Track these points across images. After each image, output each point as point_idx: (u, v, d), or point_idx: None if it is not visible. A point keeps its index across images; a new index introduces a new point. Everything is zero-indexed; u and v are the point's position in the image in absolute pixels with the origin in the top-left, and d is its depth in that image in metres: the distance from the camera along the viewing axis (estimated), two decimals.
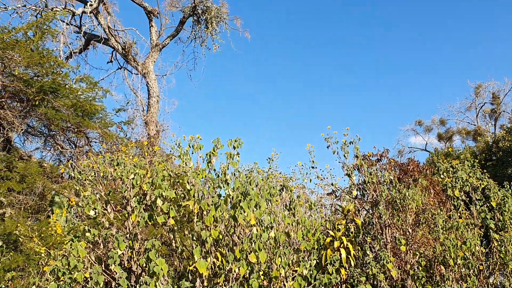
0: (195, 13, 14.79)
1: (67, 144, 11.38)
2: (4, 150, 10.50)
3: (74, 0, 14.44)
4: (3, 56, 8.51)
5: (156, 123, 14.89)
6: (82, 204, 5.21)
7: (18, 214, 8.67)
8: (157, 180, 5.34)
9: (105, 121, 10.69)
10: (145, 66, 15.03)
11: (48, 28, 9.06)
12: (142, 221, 5.07)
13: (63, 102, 9.31)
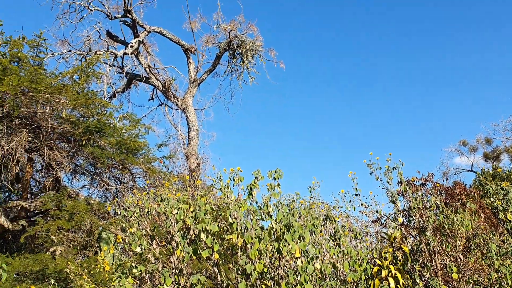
0: (230, 47, 15.18)
1: (112, 180, 11.73)
2: (53, 189, 10.93)
3: (115, 42, 15.19)
4: (51, 100, 8.96)
5: (196, 155, 15.13)
6: (129, 240, 5.31)
7: (67, 251, 8.94)
8: (200, 214, 5.39)
9: (148, 156, 10.96)
10: (185, 101, 15.43)
11: (92, 71, 9.51)
12: (187, 256, 5.11)
13: (108, 141, 9.65)
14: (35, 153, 9.52)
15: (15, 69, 8.28)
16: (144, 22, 15.30)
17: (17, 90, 7.98)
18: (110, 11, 14.80)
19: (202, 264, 6.66)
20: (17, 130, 9.01)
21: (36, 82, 8.05)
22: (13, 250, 11.43)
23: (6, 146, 8.57)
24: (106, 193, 12.08)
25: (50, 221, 9.08)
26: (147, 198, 5.54)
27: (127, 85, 16.30)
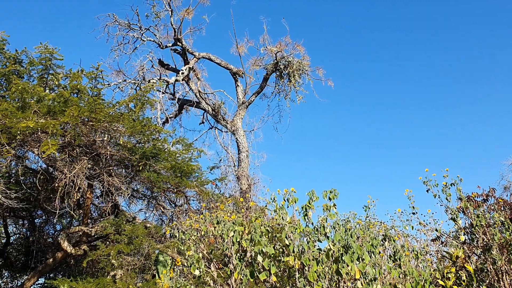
0: (277, 68, 15.34)
1: (167, 204, 12.00)
2: (112, 214, 11.32)
3: (167, 70, 15.77)
4: (109, 128, 9.36)
5: (247, 177, 15.22)
6: (187, 263, 5.39)
7: (127, 275, 9.17)
8: (256, 236, 5.40)
9: (201, 179, 11.15)
10: (234, 124, 15.66)
11: (147, 99, 9.87)
12: (245, 279, 5.11)
13: (163, 165, 9.92)
14: (95, 179, 9.93)
15: (75, 100, 8.74)
16: (193, 49, 15.83)
17: (78, 120, 8.40)
18: (161, 40, 15.46)
19: (259, 286, 6.64)
20: (78, 158, 9.45)
21: (95, 112, 8.45)
22: (75, 274, 11.87)
23: (68, 174, 9.00)
24: (162, 216, 12.36)
25: (110, 245, 9.38)
26: (204, 221, 5.62)
27: (179, 111, 16.79)
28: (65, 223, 14.11)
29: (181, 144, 11.35)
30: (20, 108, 8.40)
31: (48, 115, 8.45)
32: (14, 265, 15.38)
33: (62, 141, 8.89)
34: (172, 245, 9.07)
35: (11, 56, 9.56)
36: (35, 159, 11.35)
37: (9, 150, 7.91)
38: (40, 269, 11.79)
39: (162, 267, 10.39)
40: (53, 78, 9.53)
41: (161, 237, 10.43)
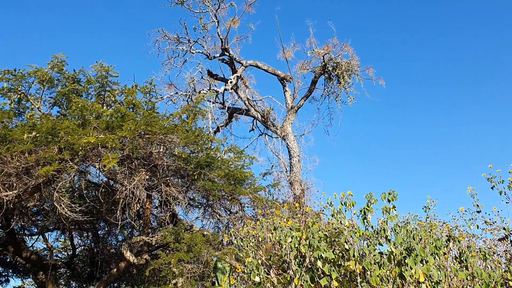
0: (325, 71, 15.20)
1: (223, 211, 12.16)
2: (171, 223, 11.61)
3: (216, 80, 16.06)
4: (164, 139, 9.63)
5: (300, 182, 15.15)
6: (246, 270, 5.43)
7: (187, 282, 9.36)
8: (314, 242, 5.36)
9: (254, 186, 11.22)
10: (284, 129, 15.65)
11: (198, 110, 10.09)
12: (306, 285, 5.08)
13: (217, 173, 10.07)
14: (153, 190, 10.24)
15: (131, 115, 9.08)
16: (240, 58, 16.04)
17: (135, 133, 8.71)
18: (209, 51, 15.80)
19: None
20: (136, 170, 9.78)
21: (151, 125, 8.72)
22: (138, 283, 12.26)
23: (128, 185, 9.33)
24: (218, 224, 12.53)
25: (170, 254, 9.62)
26: (261, 227, 5.65)
27: (229, 119, 17.02)
28: (127, 234, 14.61)
29: (232, 152, 11.48)
30: (80, 125, 8.82)
31: (107, 130, 8.82)
32: (81, 275, 16.10)
33: (121, 154, 9.23)
34: (230, 252, 9.17)
35: (70, 76, 10.07)
36: (97, 173, 11.87)
37: (72, 165, 8.32)
38: (105, 279, 12.27)
39: (221, 274, 10.53)
40: (110, 94, 9.95)
41: (218, 245, 10.57)
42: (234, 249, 8.99)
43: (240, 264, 8.83)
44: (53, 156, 8.04)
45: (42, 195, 11.13)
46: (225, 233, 10.79)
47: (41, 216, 13.86)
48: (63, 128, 8.03)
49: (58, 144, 8.28)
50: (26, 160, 8.27)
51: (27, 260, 12.91)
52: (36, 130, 8.21)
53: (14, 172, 8.49)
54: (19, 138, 8.22)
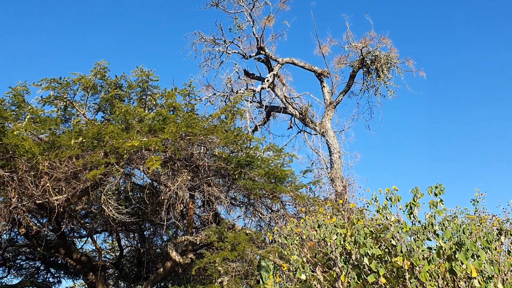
0: (364, 65, 14.96)
1: (264, 210, 12.20)
2: (214, 222, 11.76)
3: (253, 79, 16.12)
4: (205, 140, 9.77)
5: (341, 178, 14.98)
6: (292, 268, 5.43)
7: (233, 281, 9.46)
8: (360, 238, 5.30)
9: (295, 184, 11.20)
10: (323, 125, 15.52)
11: (236, 110, 10.17)
12: (353, 282, 5.03)
13: (257, 172, 10.12)
14: (196, 190, 10.41)
15: (172, 117, 9.26)
16: (276, 56, 16.02)
17: (176, 135, 8.88)
18: (245, 51, 15.89)
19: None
20: (179, 171, 9.96)
21: (191, 126, 8.87)
22: (184, 282, 12.49)
23: (172, 186, 9.52)
24: (260, 222, 12.58)
25: (214, 253, 9.74)
26: (305, 225, 5.64)
27: (267, 118, 17.03)
28: (171, 234, 14.91)
29: (271, 150, 11.49)
30: (124, 129, 9.07)
31: (150, 133, 9.03)
32: (129, 275, 16.55)
33: (164, 156, 9.43)
34: (274, 251, 9.19)
35: (112, 82, 10.37)
36: (141, 175, 12.18)
37: (118, 169, 8.57)
38: (152, 278, 12.57)
39: (265, 272, 10.56)
40: (151, 98, 10.18)
41: (261, 243, 10.62)
42: (278, 247, 9.01)
43: (284, 262, 8.84)
44: (99, 160, 8.31)
45: (89, 198, 11.53)
46: (267, 231, 10.82)
47: (89, 219, 14.35)
48: (108, 133, 8.28)
49: (103, 149, 8.55)
50: (74, 165, 8.58)
51: (78, 261, 13.40)
52: (83, 136, 8.51)
53: (63, 177, 8.82)
54: (66, 144, 8.54)
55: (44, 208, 9.81)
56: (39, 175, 8.34)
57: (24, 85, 8.92)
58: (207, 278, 11.66)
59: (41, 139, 9.21)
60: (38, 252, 14.00)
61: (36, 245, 12.46)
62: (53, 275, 16.44)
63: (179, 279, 14.21)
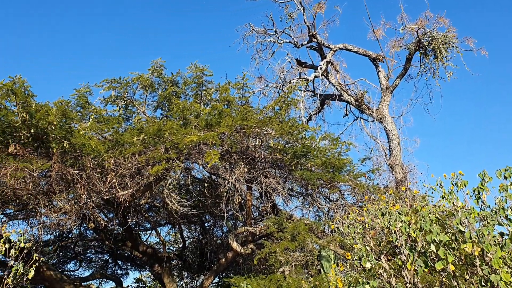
0: (420, 46, 14.40)
1: (322, 199, 12.13)
2: (272, 213, 11.84)
3: (305, 68, 15.98)
4: (260, 132, 9.83)
5: (401, 165, 14.57)
6: (356, 256, 5.38)
7: (294, 270, 9.50)
8: (426, 225, 5.15)
9: (354, 172, 11.03)
10: (380, 111, 15.14)
11: (290, 100, 10.14)
12: (420, 269, 4.91)
13: (314, 162, 10.06)
14: (253, 182, 10.52)
15: (227, 111, 9.38)
16: (329, 43, 15.78)
17: (232, 129, 9.00)
18: (297, 40, 15.78)
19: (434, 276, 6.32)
20: (236, 164, 10.11)
21: (247, 119, 8.95)
22: (245, 272, 12.69)
23: (230, 179, 9.67)
24: (318, 212, 12.52)
25: (274, 243, 9.83)
26: (368, 213, 5.56)
27: (321, 106, 16.85)
28: (231, 225, 15.19)
29: (327, 139, 11.37)
30: (182, 125, 9.31)
31: (206, 128, 9.21)
32: (192, 266, 17.06)
33: (221, 150, 9.60)
34: (335, 240, 9.13)
35: (168, 79, 10.65)
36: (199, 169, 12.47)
37: (178, 163, 8.82)
38: (215, 268, 12.88)
39: (326, 262, 10.52)
40: (206, 93, 10.37)
41: (321, 233, 10.58)
42: (338, 236, 8.94)
43: (345, 251, 8.76)
44: (160, 156, 8.59)
45: (152, 192, 11.96)
46: (327, 221, 10.75)
47: (152, 212, 14.91)
48: (167, 129, 8.54)
49: (164, 145, 8.83)
50: (137, 161, 8.93)
51: (144, 253, 13.97)
52: (144, 133, 8.82)
53: (128, 173, 9.20)
54: (129, 141, 8.89)
55: (111, 203, 10.29)
56: (105, 172, 8.75)
57: (87, 87, 9.37)
58: (268, 268, 11.79)
59: (105, 137, 9.65)
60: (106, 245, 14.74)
61: (104, 238, 13.14)
62: (120, 267, 17.27)
63: (241, 269, 14.46)
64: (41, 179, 8.68)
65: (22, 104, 7.59)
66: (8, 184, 7.74)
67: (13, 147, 7.80)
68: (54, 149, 8.14)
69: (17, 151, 7.90)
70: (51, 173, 8.27)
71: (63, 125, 8.32)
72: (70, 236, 14.60)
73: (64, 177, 8.48)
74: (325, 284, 7.44)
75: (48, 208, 8.63)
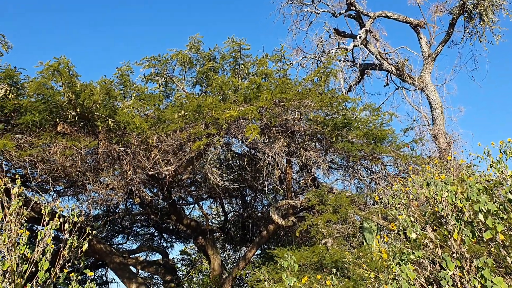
0: (465, 10, 13.72)
1: (364, 171, 12.00)
2: (312, 186, 11.85)
3: (344, 37, 15.61)
4: (299, 105, 9.75)
5: (445, 135, 14.18)
6: (401, 227, 5.33)
7: (336, 242, 9.53)
8: (473, 195, 5.03)
9: (396, 143, 10.82)
10: (422, 80, 14.67)
11: (330, 71, 9.96)
12: (467, 239, 4.82)
13: (355, 134, 9.92)
14: (293, 156, 10.51)
15: (266, 84, 9.34)
16: (367, 10, 15.31)
17: (271, 103, 8.97)
18: (334, 9, 15.41)
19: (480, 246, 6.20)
20: (275, 138, 10.11)
21: (285, 92, 8.89)
22: (286, 244, 12.86)
23: (269, 153, 9.71)
24: (360, 184, 12.42)
25: (316, 215, 9.86)
26: (413, 183, 5.47)
27: (361, 76, 16.49)
28: (271, 198, 15.34)
29: (368, 110, 11.16)
30: (221, 100, 9.37)
31: (245, 103, 9.22)
32: (234, 239, 17.44)
33: (260, 124, 9.62)
34: (377, 211, 9.06)
35: (206, 55, 10.68)
36: (239, 144, 12.58)
37: (219, 139, 8.92)
38: (257, 241, 13.11)
39: (369, 233, 10.49)
40: (243, 67, 10.34)
41: (363, 205, 10.51)
42: (381, 208, 8.87)
43: (388, 222, 8.69)
44: (201, 131, 8.71)
45: (194, 168, 12.20)
46: (369, 193, 10.66)
47: (194, 187, 15.25)
48: (207, 105, 8.62)
49: (204, 120, 8.93)
50: (179, 137, 9.10)
51: (188, 226, 14.38)
52: (184, 109, 8.94)
53: (170, 149, 9.41)
54: (170, 118, 9.05)
55: (155, 178, 10.59)
56: (149, 148, 8.97)
57: (128, 65, 9.54)
58: (310, 240, 11.88)
59: (147, 115, 9.86)
60: (152, 219, 15.27)
61: (150, 213, 13.58)
62: (166, 240, 17.88)
63: (282, 241, 14.65)
64: (88, 157, 9.01)
65: (67, 84, 7.83)
66: (58, 161, 8.08)
67: (61, 126, 8.10)
68: (99, 127, 8.40)
69: (65, 130, 8.20)
70: (98, 151, 8.56)
71: (107, 103, 8.54)
72: (117, 211, 15.18)
73: (110, 154, 8.76)
74: (368, 255, 7.43)
75: (96, 184, 8.97)
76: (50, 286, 4.67)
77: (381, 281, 5.50)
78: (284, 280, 5.00)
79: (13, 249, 4.27)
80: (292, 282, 4.80)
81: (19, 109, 8.08)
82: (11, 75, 7.80)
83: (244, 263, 12.70)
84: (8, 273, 4.26)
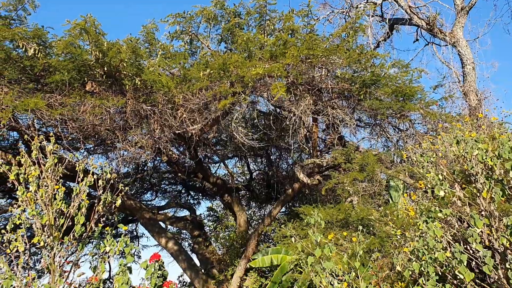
0: None
1: (391, 129, 11.84)
2: (340, 145, 11.79)
3: None
4: (326, 62, 9.57)
5: (476, 91, 13.74)
6: (429, 185, 5.29)
7: (362, 201, 9.56)
8: (504, 153, 4.92)
9: (425, 100, 10.58)
10: (453, 35, 14.10)
11: (358, 26, 9.67)
12: (497, 197, 4.76)
13: (383, 91, 9.73)
14: (319, 114, 10.42)
15: (292, 41, 9.16)
16: None
17: (298, 59, 8.82)
18: None
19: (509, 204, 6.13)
20: (301, 96, 10.01)
21: (312, 48, 8.71)
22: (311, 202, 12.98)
23: (296, 111, 9.65)
24: (387, 143, 12.29)
25: (342, 174, 9.86)
26: (442, 141, 5.38)
27: (390, 32, 15.96)
28: (296, 157, 15.39)
29: (397, 66, 10.87)
30: (247, 58, 9.26)
31: (271, 60, 9.10)
32: (259, 196, 17.72)
33: (286, 82, 9.51)
34: (404, 170, 8.99)
35: (231, 11, 10.48)
36: (264, 102, 12.53)
37: (245, 97, 8.89)
38: (282, 198, 13.27)
39: (395, 191, 10.47)
40: (269, 23, 10.13)
41: (389, 163, 10.44)
42: (409, 166, 8.79)
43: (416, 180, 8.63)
44: (226, 90, 8.68)
45: (219, 127, 12.28)
46: (397, 151, 10.56)
47: (220, 146, 15.41)
48: (232, 63, 8.54)
49: (229, 79, 8.88)
50: (205, 96, 9.11)
51: (214, 184, 14.65)
52: (210, 67, 8.90)
53: (196, 108, 9.46)
54: (196, 77, 9.03)
55: (182, 137, 10.72)
56: (175, 107, 9.03)
57: (153, 23, 9.47)
58: (335, 198, 11.96)
59: (173, 73, 9.87)
60: (179, 177, 15.58)
61: (177, 171, 13.84)
62: (193, 197, 18.32)
63: (307, 199, 14.80)
64: (117, 115, 9.15)
65: (94, 42, 7.86)
66: (88, 120, 8.24)
67: (90, 85, 8.21)
68: (127, 86, 8.47)
69: (94, 89, 8.31)
70: (126, 109, 8.68)
71: (134, 62, 8.56)
72: (146, 169, 15.55)
73: (138, 113, 8.87)
74: (395, 213, 7.45)
75: (124, 142, 9.15)
76: (86, 240, 4.88)
77: (408, 239, 5.53)
78: (310, 236, 5.08)
79: (50, 204, 4.46)
80: (319, 238, 4.87)
81: (48, 68, 8.19)
82: (39, 35, 7.86)
83: (269, 220, 12.92)
84: (46, 226, 4.46)
